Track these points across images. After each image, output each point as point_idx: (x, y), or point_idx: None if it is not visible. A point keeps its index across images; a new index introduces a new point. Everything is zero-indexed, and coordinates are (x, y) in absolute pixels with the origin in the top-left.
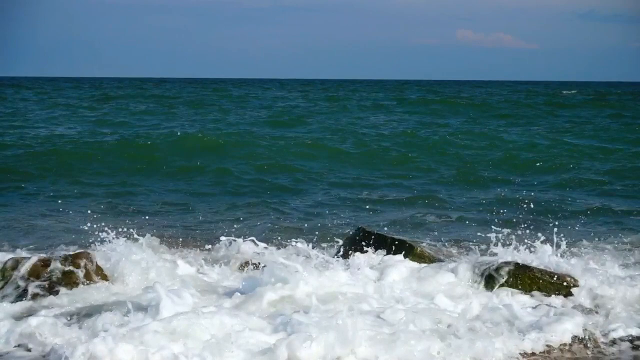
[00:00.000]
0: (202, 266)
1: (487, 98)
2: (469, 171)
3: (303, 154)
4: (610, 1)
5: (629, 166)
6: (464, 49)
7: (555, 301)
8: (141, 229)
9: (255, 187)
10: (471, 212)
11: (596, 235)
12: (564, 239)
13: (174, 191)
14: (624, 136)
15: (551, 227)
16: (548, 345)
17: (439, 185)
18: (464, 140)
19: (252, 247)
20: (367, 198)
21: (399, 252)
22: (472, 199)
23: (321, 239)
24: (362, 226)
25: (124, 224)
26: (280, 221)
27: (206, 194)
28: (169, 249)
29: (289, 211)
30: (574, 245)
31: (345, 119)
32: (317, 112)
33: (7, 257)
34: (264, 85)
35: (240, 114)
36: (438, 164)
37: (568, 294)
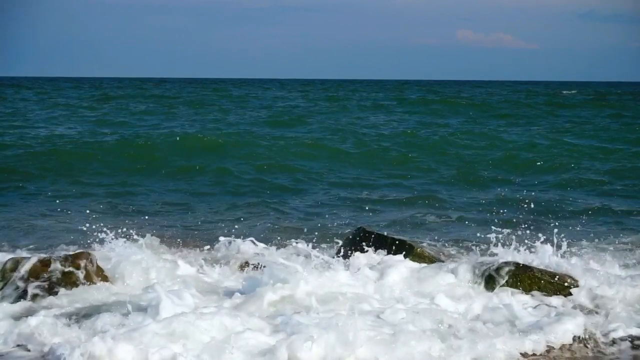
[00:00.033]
0: (202, 266)
1: (487, 98)
2: (469, 171)
3: (303, 154)
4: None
5: (629, 166)
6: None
7: (555, 301)
8: (141, 229)
9: (255, 187)
10: (471, 212)
11: (596, 235)
12: (564, 239)
13: (174, 191)
14: (624, 136)
15: (551, 227)
16: (549, 346)
17: (439, 185)
18: (464, 140)
19: (252, 247)
20: (367, 198)
21: (399, 252)
22: (472, 199)
23: (321, 239)
24: (362, 226)
25: (124, 224)
26: (280, 221)
27: (206, 194)
28: (169, 249)
29: (289, 211)
30: (574, 245)
31: (345, 119)
32: (317, 112)
33: (7, 257)
34: (264, 85)
35: (240, 114)
36: (438, 164)
37: (568, 294)
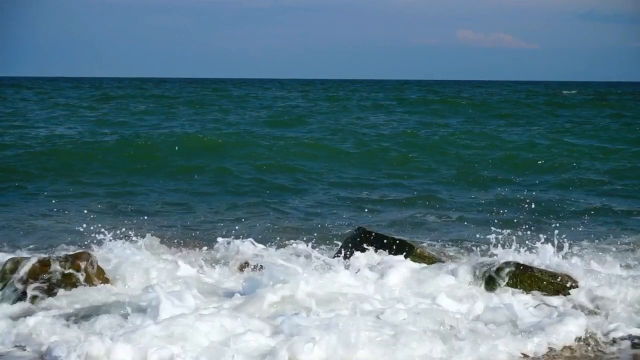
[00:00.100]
0: (202, 267)
1: (487, 98)
2: (469, 171)
3: (303, 154)
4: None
5: (629, 166)
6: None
7: (556, 302)
8: (141, 229)
9: (255, 187)
10: (471, 212)
11: (596, 235)
12: (564, 240)
13: (174, 191)
14: (624, 136)
15: (551, 227)
16: (550, 347)
17: (439, 185)
18: (464, 140)
19: (251, 248)
20: (367, 198)
21: (399, 253)
22: (472, 199)
23: (321, 239)
24: (362, 226)
25: (124, 224)
26: (280, 221)
27: (206, 194)
28: (169, 249)
29: (289, 211)
30: (575, 245)
31: (345, 119)
32: (317, 112)
33: (7, 257)
34: (264, 85)
35: (240, 114)
36: (438, 164)
37: (569, 294)
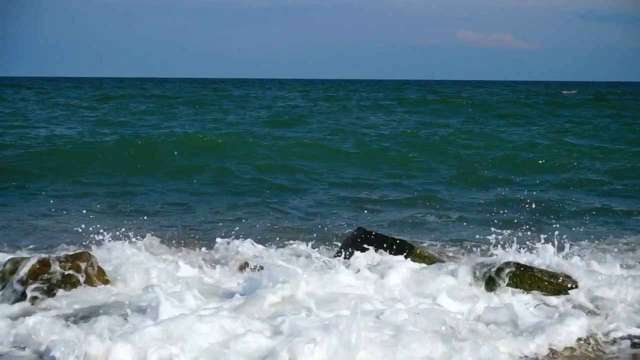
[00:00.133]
0: (202, 267)
1: (488, 98)
2: (469, 171)
3: (303, 154)
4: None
5: (629, 166)
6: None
7: (556, 302)
8: (141, 229)
9: (256, 187)
10: (471, 212)
11: (597, 235)
12: (565, 240)
13: (174, 191)
14: (624, 136)
15: (551, 227)
16: (551, 347)
17: (439, 185)
18: (464, 140)
19: (251, 248)
20: (367, 198)
21: (400, 253)
22: (472, 199)
23: (321, 239)
24: (362, 226)
25: (124, 224)
26: (280, 221)
27: (206, 194)
28: (169, 249)
29: (289, 211)
30: (575, 245)
31: (345, 119)
32: (317, 112)
33: (7, 257)
34: (264, 85)
35: (240, 114)
36: (438, 164)
37: (569, 294)
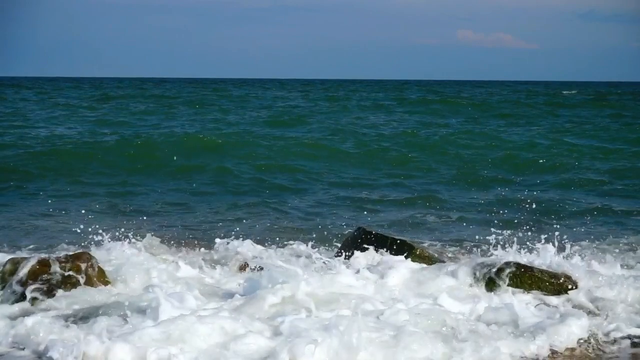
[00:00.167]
0: (203, 268)
1: (488, 98)
2: (469, 171)
3: (303, 154)
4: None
5: (629, 166)
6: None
7: (557, 302)
8: (141, 229)
9: (256, 187)
10: (471, 212)
11: (597, 235)
12: (565, 240)
13: (174, 191)
14: (624, 136)
15: (552, 227)
16: (552, 348)
17: (439, 185)
18: (464, 140)
19: (251, 248)
20: (367, 198)
21: (400, 253)
22: (472, 199)
23: (321, 239)
24: (362, 226)
25: (124, 224)
26: (280, 221)
27: (206, 194)
28: (169, 249)
29: (289, 211)
30: (575, 245)
31: (345, 119)
32: (317, 112)
33: (7, 257)
34: (264, 85)
35: (240, 114)
36: (438, 164)
37: (570, 294)
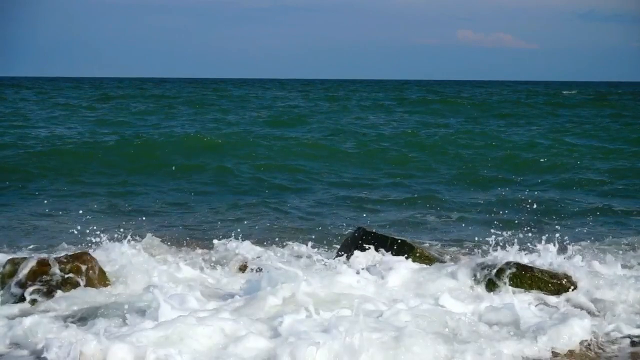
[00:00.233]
0: (202, 268)
1: (488, 98)
2: (469, 171)
3: (303, 154)
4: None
5: (629, 166)
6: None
7: (557, 302)
8: (141, 229)
9: (255, 187)
10: (471, 212)
11: (597, 236)
12: (566, 240)
13: (174, 191)
14: (624, 136)
15: (552, 228)
16: (553, 348)
17: (439, 185)
18: (464, 140)
19: (251, 249)
20: (367, 198)
21: (400, 253)
22: (472, 199)
23: (321, 239)
24: (362, 226)
25: (124, 224)
26: (280, 221)
27: (206, 194)
28: (169, 249)
29: (289, 211)
30: (576, 245)
31: (345, 119)
32: (317, 112)
33: (7, 257)
34: (264, 85)
35: (240, 113)
36: (438, 164)
37: (570, 294)
